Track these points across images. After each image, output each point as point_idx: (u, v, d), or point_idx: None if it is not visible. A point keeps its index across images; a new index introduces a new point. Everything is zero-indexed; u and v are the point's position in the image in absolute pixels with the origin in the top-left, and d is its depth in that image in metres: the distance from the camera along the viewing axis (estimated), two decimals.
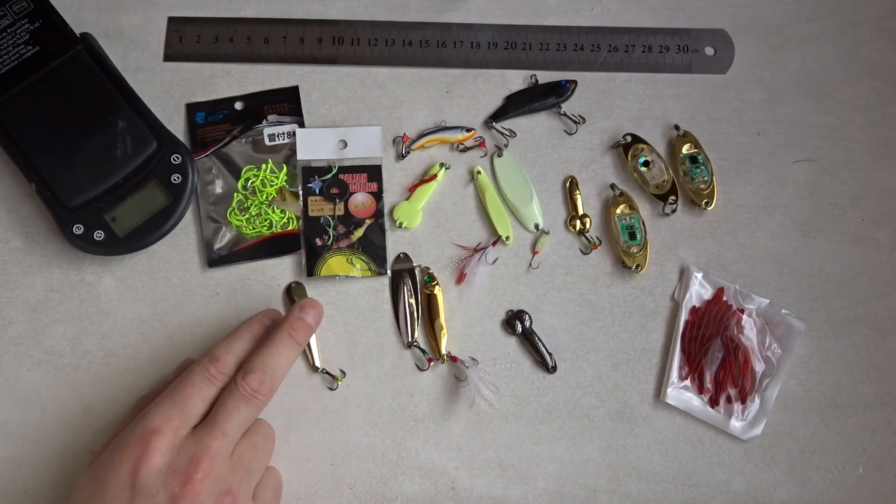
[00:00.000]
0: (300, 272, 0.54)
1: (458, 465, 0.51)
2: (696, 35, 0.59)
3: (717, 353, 0.52)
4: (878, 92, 0.58)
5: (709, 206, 0.55)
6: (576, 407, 0.53)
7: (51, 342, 0.52)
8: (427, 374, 0.53)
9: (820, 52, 0.59)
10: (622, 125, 0.57)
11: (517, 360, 0.53)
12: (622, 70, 0.58)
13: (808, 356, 0.54)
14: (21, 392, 0.51)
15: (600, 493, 0.51)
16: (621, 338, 0.54)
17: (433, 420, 0.52)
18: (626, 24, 0.59)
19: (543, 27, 0.59)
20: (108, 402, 0.51)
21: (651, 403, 0.53)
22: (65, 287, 0.53)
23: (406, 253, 0.54)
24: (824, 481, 0.52)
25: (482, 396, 0.52)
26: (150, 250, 0.53)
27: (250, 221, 0.54)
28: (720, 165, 0.56)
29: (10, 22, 0.54)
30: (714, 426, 0.52)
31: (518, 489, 0.51)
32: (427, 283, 0.54)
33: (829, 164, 0.57)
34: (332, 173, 0.55)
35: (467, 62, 0.58)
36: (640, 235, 0.54)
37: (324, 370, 0.52)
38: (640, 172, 0.56)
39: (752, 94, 0.58)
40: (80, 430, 0.51)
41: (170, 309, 0.53)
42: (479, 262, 0.54)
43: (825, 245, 0.56)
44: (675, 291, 0.55)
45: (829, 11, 0.60)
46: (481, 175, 0.55)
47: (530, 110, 0.57)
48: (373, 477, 0.51)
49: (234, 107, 0.56)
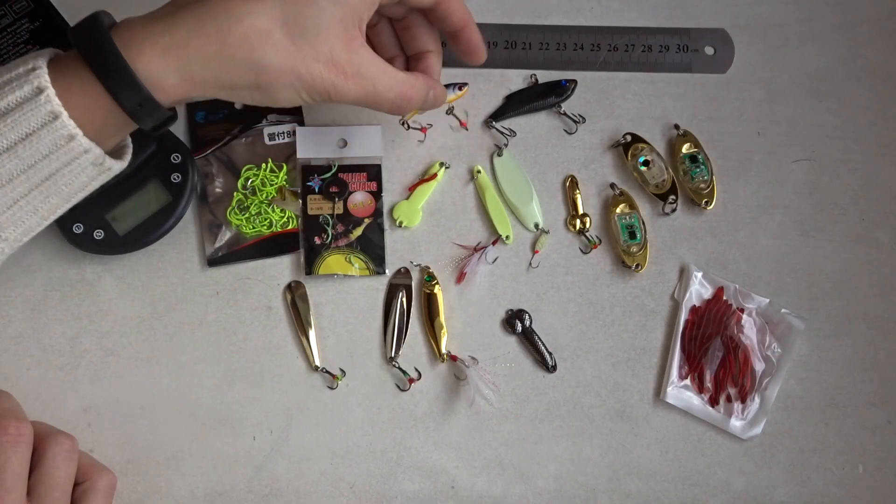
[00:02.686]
0: (300, 271, 0.54)
1: (458, 465, 0.51)
2: (696, 35, 0.59)
3: (717, 352, 0.52)
4: (878, 92, 0.58)
5: (709, 205, 0.55)
6: (576, 406, 0.53)
7: (50, 341, 0.52)
8: (427, 373, 0.53)
9: (820, 51, 0.59)
10: (622, 125, 0.57)
11: (517, 359, 0.53)
12: (622, 69, 0.58)
13: (808, 355, 0.54)
14: (21, 391, 0.51)
15: (600, 493, 0.51)
16: (621, 337, 0.54)
17: (433, 419, 0.52)
18: (626, 23, 0.59)
19: (543, 27, 0.59)
20: (107, 402, 0.51)
21: (651, 403, 0.53)
22: (64, 286, 0.53)
23: (406, 268, 0.54)
24: (824, 480, 0.52)
25: (482, 396, 0.52)
26: (150, 249, 0.53)
27: (250, 221, 0.54)
28: (720, 165, 0.56)
29: (10, 21, 0.54)
30: (714, 425, 0.52)
31: (518, 488, 0.51)
32: (427, 282, 0.54)
33: (829, 163, 0.57)
34: (331, 172, 0.55)
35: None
36: (639, 235, 0.54)
37: (324, 369, 0.52)
38: (639, 172, 0.56)
39: (751, 93, 0.58)
40: (79, 429, 0.51)
41: (169, 308, 0.53)
42: (479, 262, 0.54)
43: (825, 245, 0.56)
44: (674, 291, 0.55)
45: (829, 11, 0.60)
46: (481, 174, 0.56)
47: (530, 110, 0.57)
48: (372, 476, 0.51)
49: (233, 106, 0.56)
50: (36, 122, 0.38)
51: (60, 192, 0.41)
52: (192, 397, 0.52)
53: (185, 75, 0.39)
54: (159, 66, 0.39)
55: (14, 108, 0.38)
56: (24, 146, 0.38)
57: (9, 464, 0.42)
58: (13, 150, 0.38)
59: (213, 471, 0.51)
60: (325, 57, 0.41)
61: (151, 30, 0.39)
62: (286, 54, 0.40)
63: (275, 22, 0.39)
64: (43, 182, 0.40)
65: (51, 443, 0.45)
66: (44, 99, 0.37)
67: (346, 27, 0.41)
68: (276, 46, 0.40)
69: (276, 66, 0.40)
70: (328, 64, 0.41)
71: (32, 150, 0.38)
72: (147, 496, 0.50)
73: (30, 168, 0.39)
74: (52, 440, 0.45)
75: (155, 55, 0.39)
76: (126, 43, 0.39)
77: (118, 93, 0.39)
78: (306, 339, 0.52)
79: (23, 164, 0.39)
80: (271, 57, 0.40)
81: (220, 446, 0.51)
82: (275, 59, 0.40)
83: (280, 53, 0.40)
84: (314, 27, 0.40)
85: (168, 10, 0.40)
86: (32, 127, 0.38)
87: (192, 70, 0.39)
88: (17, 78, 0.38)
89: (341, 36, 0.41)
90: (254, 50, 0.39)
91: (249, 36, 0.39)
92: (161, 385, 0.52)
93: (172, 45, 0.39)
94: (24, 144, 0.38)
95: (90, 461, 0.48)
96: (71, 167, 0.40)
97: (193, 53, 0.39)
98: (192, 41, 0.39)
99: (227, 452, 0.51)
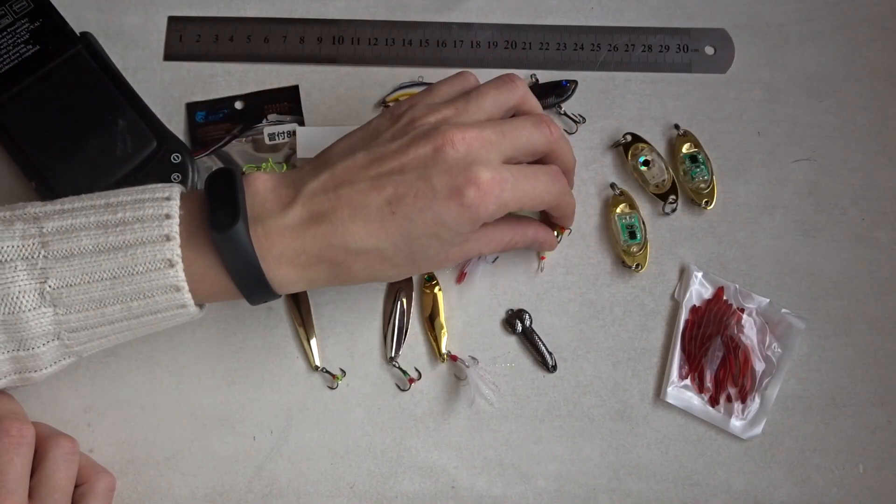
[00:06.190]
0: None
1: (458, 465, 0.51)
2: (696, 34, 0.59)
3: (718, 352, 0.52)
4: (878, 92, 0.58)
5: (709, 205, 0.55)
6: (576, 406, 0.53)
7: None
8: (427, 373, 0.53)
9: (820, 51, 0.59)
10: (622, 124, 0.57)
11: (517, 359, 0.53)
12: (622, 69, 0.58)
13: (809, 355, 0.54)
14: (20, 391, 0.51)
15: (600, 493, 0.51)
16: (621, 337, 0.54)
17: (433, 419, 0.52)
18: (626, 23, 0.59)
19: (543, 26, 0.59)
20: (107, 402, 0.51)
21: (651, 403, 0.53)
22: None
23: None
24: (824, 480, 0.52)
25: (482, 396, 0.52)
26: None
27: None
28: (720, 165, 0.56)
29: (10, 21, 0.54)
30: (714, 425, 0.52)
31: (518, 488, 0.51)
32: (427, 282, 0.54)
33: (829, 163, 0.57)
34: None
35: (467, 62, 0.58)
36: (640, 235, 0.54)
37: (324, 369, 0.52)
38: (640, 172, 0.56)
39: (751, 93, 0.58)
40: (79, 429, 0.51)
41: None
42: (479, 261, 0.54)
43: (825, 244, 0.56)
44: (675, 290, 0.55)
45: (829, 11, 0.60)
46: None
47: None
48: (373, 476, 0.51)
49: (234, 106, 0.56)
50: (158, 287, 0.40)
51: (145, 330, 0.44)
52: (192, 397, 0.52)
53: (304, 276, 0.43)
54: (292, 278, 0.42)
55: (142, 272, 0.40)
56: (139, 303, 0.41)
57: (11, 465, 0.42)
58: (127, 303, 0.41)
59: (213, 471, 0.51)
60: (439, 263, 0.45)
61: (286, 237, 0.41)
62: (402, 270, 0.44)
63: (398, 250, 0.42)
64: (141, 327, 0.43)
65: (52, 445, 0.45)
66: (171, 274, 0.40)
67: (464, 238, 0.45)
68: (396, 265, 0.43)
69: (392, 277, 0.45)
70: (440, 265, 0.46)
71: (144, 307, 0.41)
72: (147, 496, 0.50)
73: (135, 318, 0.42)
74: (54, 442, 0.45)
75: (291, 272, 0.42)
76: (265, 250, 0.41)
77: (249, 295, 0.42)
78: (306, 339, 0.52)
79: (130, 314, 0.41)
80: (389, 274, 0.44)
81: (220, 446, 0.51)
82: (392, 274, 0.44)
83: (398, 270, 0.44)
84: (434, 254, 0.44)
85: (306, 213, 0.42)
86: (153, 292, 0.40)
87: (311, 273, 0.43)
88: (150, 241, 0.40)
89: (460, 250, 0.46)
90: (374, 272, 0.43)
91: (372, 258, 0.42)
92: (161, 385, 0.52)
93: (307, 264, 0.42)
94: (139, 301, 0.41)
95: (89, 463, 0.48)
96: (166, 316, 0.42)
97: (317, 266, 0.42)
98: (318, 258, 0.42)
99: (227, 452, 0.51)
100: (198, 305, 0.43)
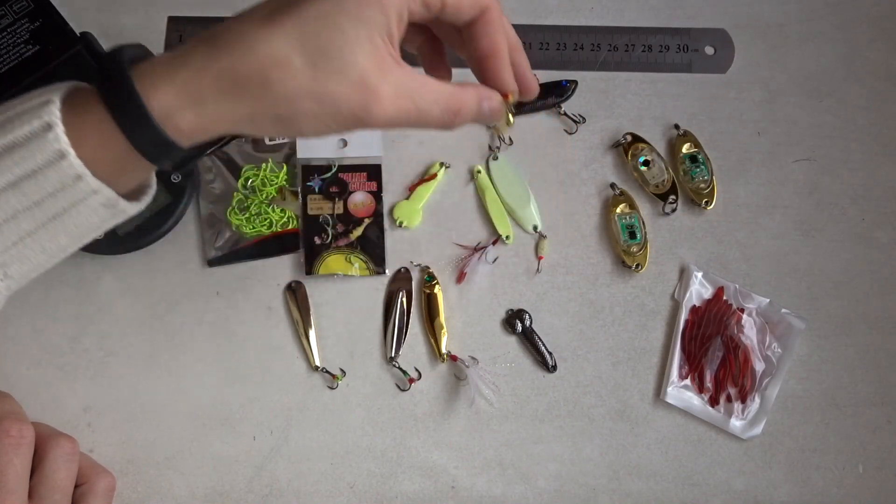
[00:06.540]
0: (300, 271, 0.54)
1: (458, 465, 0.51)
2: (696, 34, 0.59)
3: (718, 352, 0.52)
4: (878, 92, 0.58)
5: (709, 205, 0.55)
6: (576, 406, 0.53)
7: (50, 341, 0.52)
8: (427, 373, 0.53)
9: (820, 51, 0.59)
10: (622, 124, 0.57)
11: (517, 359, 0.53)
12: (622, 69, 0.58)
13: (808, 355, 0.54)
14: (20, 391, 0.51)
15: (600, 492, 0.51)
16: (621, 337, 0.54)
17: (433, 419, 0.52)
18: (626, 23, 0.59)
19: (543, 26, 0.59)
20: (107, 402, 0.51)
21: (651, 403, 0.53)
22: (64, 286, 0.53)
23: (407, 268, 0.54)
24: (824, 480, 0.52)
25: (482, 396, 0.52)
26: (150, 249, 0.53)
27: (250, 221, 0.54)
28: (720, 165, 0.56)
29: (10, 21, 0.54)
30: (714, 425, 0.52)
31: (518, 488, 0.51)
32: (427, 282, 0.54)
33: (829, 163, 0.57)
34: (331, 172, 0.55)
35: None
36: (640, 235, 0.54)
37: (324, 369, 0.52)
38: (640, 172, 0.56)
39: (751, 93, 0.58)
40: (79, 429, 0.51)
41: (169, 308, 0.53)
42: (479, 262, 0.54)
43: (825, 244, 0.56)
44: (675, 291, 0.54)
45: (829, 11, 0.60)
46: (481, 174, 0.55)
47: (530, 110, 0.57)
48: (373, 476, 0.51)
49: None
50: (42, 160, 0.36)
51: (70, 232, 0.39)
52: (192, 397, 0.52)
53: (201, 111, 0.37)
54: (175, 103, 0.36)
55: (22, 143, 0.36)
56: (30, 183, 0.37)
57: (10, 466, 0.42)
58: (18, 186, 0.37)
59: (213, 471, 0.51)
60: (352, 79, 0.37)
61: (171, 64, 0.37)
62: (306, 81, 0.37)
63: (293, 48, 0.36)
64: (50, 221, 0.38)
65: (52, 445, 0.45)
66: (52, 136, 0.36)
67: (374, 45, 0.38)
68: (295, 74, 0.36)
69: (296, 95, 0.37)
70: (357, 86, 0.38)
71: (38, 188, 0.37)
72: (147, 496, 0.50)
73: (35, 206, 0.37)
74: (54, 442, 0.45)
75: (170, 92, 0.36)
76: (144, 79, 0.36)
77: (130, 131, 0.36)
78: (306, 339, 0.52)
79: (28, 200, 0.37)
80: (290, 85, 0.37)
81: (220, 446, 0.51)
82: (293, 87, 0.37)
83: (299, 81, 0.37)
84: (337, 49, 0.37)
85: (190, 44, 0.38)
86: (38, 164, 0.36)
87: (207, 106, 0.37)
88: (29, 111, 0.36)
89: (370, 55, 0.38)
90: (270, 80, 0.37)
91: (264, 65, 0.36)
92: (161, 385, 0.52)
93: (188, 79, 0.37)
94: (30, 182, 0.37)
95: (89, 463, 0.48)
96: (79, 208, 0.38)
97: (207, 88, 0.37)
98: (205, 75, 0.36)
99: (227, 452, 0.51)
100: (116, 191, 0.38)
